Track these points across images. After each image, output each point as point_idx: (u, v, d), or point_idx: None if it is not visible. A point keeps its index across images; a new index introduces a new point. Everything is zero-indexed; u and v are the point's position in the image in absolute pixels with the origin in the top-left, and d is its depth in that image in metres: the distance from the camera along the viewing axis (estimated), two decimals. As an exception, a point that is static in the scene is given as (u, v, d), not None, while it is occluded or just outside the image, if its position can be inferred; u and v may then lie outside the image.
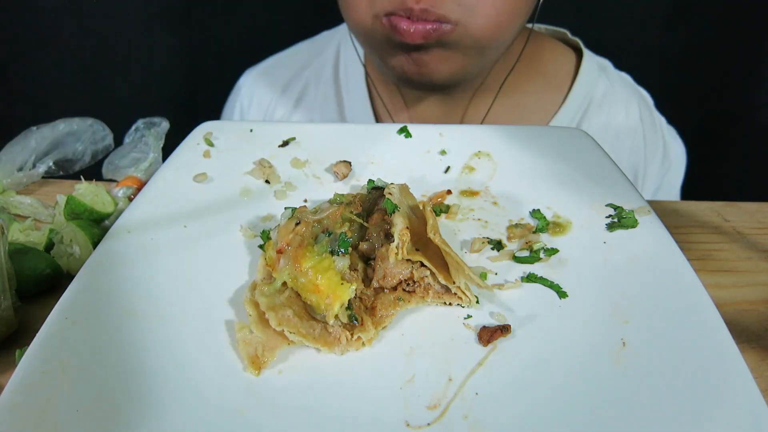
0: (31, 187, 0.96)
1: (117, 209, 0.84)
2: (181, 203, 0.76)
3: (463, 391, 0.53)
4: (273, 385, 0.54)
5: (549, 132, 0.95)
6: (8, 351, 0.62)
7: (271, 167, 0.85)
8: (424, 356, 0.57)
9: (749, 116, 2.18)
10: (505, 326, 0.59)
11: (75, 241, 0.76)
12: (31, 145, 0.94)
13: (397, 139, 0.90)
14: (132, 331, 0.58)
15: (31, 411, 0.49)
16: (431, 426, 0.50)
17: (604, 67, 1.37)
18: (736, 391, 0.50)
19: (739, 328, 0.67)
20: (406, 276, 0.63)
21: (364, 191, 0.76)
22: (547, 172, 0.83)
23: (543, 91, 1.29)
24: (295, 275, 0.60)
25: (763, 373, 0.62)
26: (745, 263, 0.79)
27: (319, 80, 1.40)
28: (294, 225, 0.64)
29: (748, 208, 0.91)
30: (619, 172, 0.81)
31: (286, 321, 0.57)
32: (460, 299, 0.62)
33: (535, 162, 0.85)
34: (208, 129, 0.91)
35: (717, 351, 0.54)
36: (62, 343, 0.55)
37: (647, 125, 1.37)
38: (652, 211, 0.72)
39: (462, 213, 0.78)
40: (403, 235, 0.61)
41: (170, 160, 0.85)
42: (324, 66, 1.41)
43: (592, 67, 1.32)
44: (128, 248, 0.68)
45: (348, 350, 0.58)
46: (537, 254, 0.69)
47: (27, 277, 0.69)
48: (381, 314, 0.61)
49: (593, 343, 0.57)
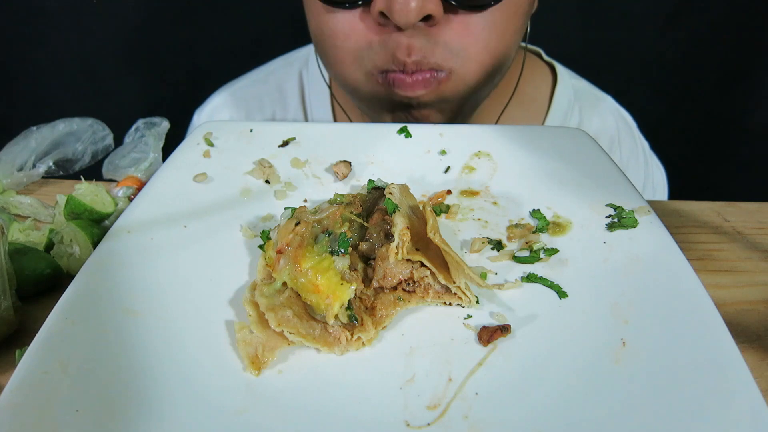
0: (31, 187, 0.95)
1: (117, 209, 0.84)
2: (181, 203, 0.76)
3: (463, 391, 0.53)
4: (273, 385, 0.54)
5: (549, 132, 0.95)
6: (8, 351, 0.62)
7: (271, 167, 0.85)
8: (424, 356, 0.57)
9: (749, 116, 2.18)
10: (505, 326, 0.59)
11: (75, 241, 0.76)
12: (31, 145, 0.94)
13: (397, 139, 0.90)
14: (132, 331, 0.58)
15: (31, 411, 0.49)
16: (431, 426, 0.50)
17: (580, 92, 1.34)
18: (736, 391, 0.50)
19: (739, 328, 0.67)
20: (406, 276, 0.63)
21: (364, 191, 0.76)
22: (547, 172, 0.82)
23: (522, 118, 1.27)
24: (294, 275, 0.60)
25: (763, 373, 0.61)
26: (745, 263, 0.79)
27: (285, 109, 1.38)
28: (294, 225, 0.64)
29: (748, 208, 0.91)
30: (619, 172, 0.81)
31: (286, 321, 0.57)
32: (460, 299, 0.62)
33: (535, 162, 0.85)
34: (208, 129, 0.91)
35: (717, 351, 0.54)
36: (62, 343, 0.55)
37: (627, 151, 1.35)
38: (652, 211, 0.72)
39: (462, 213, 0.78)
40: (404, 235, 0.61)
41: (170, 160, 0.85)
42: (289, 95, 1.38)
43: (566, 92, 1.30)
44: (128, 248, 0.68)
45: (348, 350, 0.58)
46: (537, 254, 0.69)
47: (27, 277, 0.69)
48: (381, 314, 0.61)
49: (593, 343, 0.57)
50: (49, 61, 2.08)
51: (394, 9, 0.86)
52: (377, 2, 0.90)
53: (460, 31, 0.94)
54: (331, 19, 0.97)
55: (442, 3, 0.90)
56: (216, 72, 1.61)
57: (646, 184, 1.39)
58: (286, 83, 1.39)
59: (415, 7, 0.86)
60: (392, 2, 0.86)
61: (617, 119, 1.37)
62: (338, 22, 0.97)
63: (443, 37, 0.94)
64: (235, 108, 1.41)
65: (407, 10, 0.86)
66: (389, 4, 0.87)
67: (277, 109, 1.39)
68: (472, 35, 0.95)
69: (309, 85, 1.36)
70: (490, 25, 0.95)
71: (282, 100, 1.39)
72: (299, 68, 1.39)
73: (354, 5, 0.94)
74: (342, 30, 0.97)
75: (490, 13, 0.94)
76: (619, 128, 1.36)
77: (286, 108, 1.38)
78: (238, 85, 1.44)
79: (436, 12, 0.89)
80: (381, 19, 0.92)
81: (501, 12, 0.95)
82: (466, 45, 0.96)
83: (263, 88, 1.41)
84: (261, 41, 1.92)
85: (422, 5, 0.87)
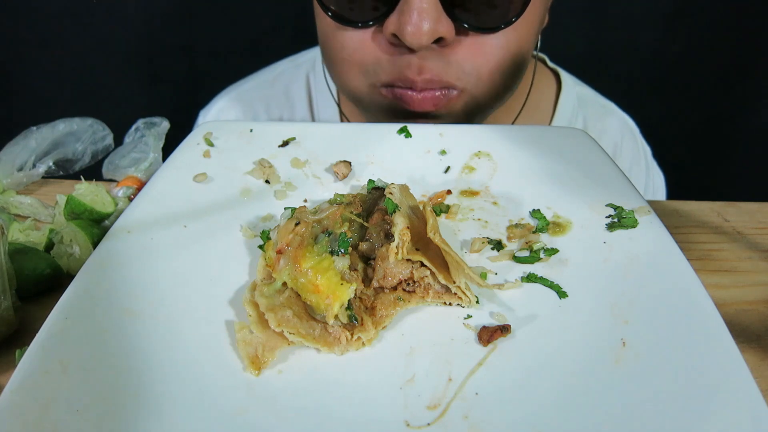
0: (31, 187, 0.95)
1: (117, 209, 0.84)
2: (181, 203, 0.76)
3: (463, 391, 0.53)
4: (273, 385, 0.54)
5: (549, 132, 0.95)
6: (8, 351, 0.62)
7: (271, 167, 0.85)
8: (424, 356, 0.57)
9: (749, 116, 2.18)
10: (505, 326, 0.59)
11: (75, 241, 0.76)
12: (31, 145, 0.94)
13: (397, 139, 0.90)
14: (132, 331, 0.58)
15: (31, 411, 0.49)
16: (431, 426, 0.50)
17: (584, 100, 1.34)
18: (736, 391, 0.50)
19: (739, 328, 0.67)
20: (406, 276, 0.63)
21: (364, 191, 0.76)
22: (547, 172, 0.82)
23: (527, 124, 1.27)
24: (294, 275, 0.60)
25: (763, 373, 0.61)
26: (745, 263, 0.79)
27: (293, 111, 1.38)
28: (294, 225, 0.64)
29: (748, 208, 0.91)
30: (619, 172, 0.81)
31: (286, 322, 0.57)
32: (460, 299, 0.62)
33: (535, 162, 0.85)
34: (208, 129, 0.91)
35: (717, 351, 0.54)
36: (62, 343, 0.55)
37: (629, 157, 1.35)
38: (652, 211, 0.72)
39: (462, 213, 0.78)
40: (404, 235, 0.61)
41: (170, 160, 0.85)
42: (296, 99, 1.37)
43: (570, 100, 1.29)
44: (128, 248, 0.68)
45: (348, 350, 0.58)
46: (537, 254, 0.69)
47: (27, 277, 0.69)
48: (381, 314, 0.61)
49: (593, 343, 0.57)
50: (49, 61, 2.08)
51: (407, 31, 0.86)
52: (389, 24, 0.89)
53: (473, 52, 0.94)
54: (342, 35, 0.97)
55: (454, 25, 0.90)
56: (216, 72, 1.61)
57: (647, 190, 1.39)
58: (293, 86, 1.39)
59: (428, 30, 0.86)
60: (404, 24, 0.86)
61: (621, 126, 1.37)
62: (349, 39, 0.97)
63: (455, 57, 0.94)
64: (242, 110, 1.40)
65: (420, 33, 0.86)
66: (401, 26, 0.87)
67: (284, 112, 1.39)
68: (484, 55, 0.95)
69: (316, 89, 1.35)
70: (503, 44, 0.94)
71: (289, 103, 1.38)
72: (306, 71, 1.38)
73: (366, 25, 0.93)
74: (351, 45, 0.97)
75: (503, 34, 0.93)
76: (623, 135, 1.36)
77: (294, 111, 1.38)
78: (245, 87, 1.43)
79: (448, 35, 0.89)
80: (393, 39, 0.92)
81: (513, 32, 0.94)
82: (479, 65, 0.95)
83: (270, 91, 1.40)
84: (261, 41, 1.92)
85: (434, 28, 0.87)
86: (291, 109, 1.38)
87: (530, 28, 0.98)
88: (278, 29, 1.92)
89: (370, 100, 1.03)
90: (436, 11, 0.86)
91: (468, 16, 0.89)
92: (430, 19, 0.85)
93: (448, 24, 0.88)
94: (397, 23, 0.88)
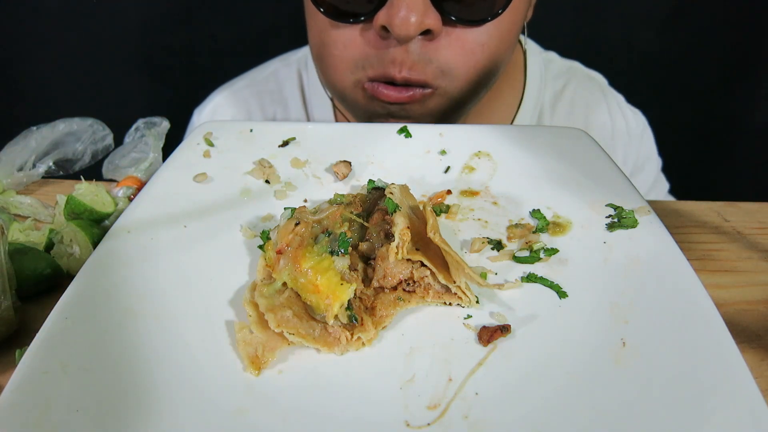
0: (31, 187, 0.95)
1: (117, 209, 0.84)
2: (181, 203, 0.76)
3: (463, 391, 0.53)
4: (273, 385, 0.54)
5: (549, 132, 0.95)
6: (8, 351, 0.62)
7: (271, 167, 0.85)
8: (424, 356, 0.57)
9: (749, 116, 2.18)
10: (505, 326, 0.59)
11: (75, 241, 0.76)
12: (31, 145, 0.94)
13: (397, 139, 0.90)
14: (132, 331, 0.58)
15: (31, 411, 0.49)
16: (431, 426, 0.50)
17: (549, 62, 1.37)
18: (736, 391, 0.50)
19: (739, 328, 0.67)
20: (406, 276, 0.63)
21: (364, 191, 0.76)
22: (547, 172, 0.83)
23: (501, 96, 1.28)
24: (294, 276, 0.60)
25: (763, 373, 0.61)
26: (745, 263, 0.79)
27: (286, 109, 1.39)
28: (294, 225, 0.64)
29: (748, 208, 0.91)
30: (619, 172, 0.81)
31: (286, 322, 0.57)
32: (460, 299, 0.62)
33: (535, 162, 0.85)
34: (208, 129, 0.91)
35: (717, 351, 0.54)
36: (62, 343, 0.55)
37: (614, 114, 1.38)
38: (652, 211, 0.72)
39: (462, 213, 0.78)
40: (404, 235, 0.61)
41: (170, 160, 0.85)
42: (289, 96, 1.39)
43: (537, 64, 1.33)
44: (128, 248, 0.68)
45: (348, 350, 0.58)
46: (537, 254, 0.69)
47: (27, 277, 0.69)
48: (381, 314, 0.61)
49: (593, 343, 0.57)
50: (49, 61, 2.08)
51: (395, 23, 0.90)
52: (379, 17, 0.93)
53: (456, 48, 0.97)
54: (334, 31, 1.00)
55: (441, 18, 0.93)
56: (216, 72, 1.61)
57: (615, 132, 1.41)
58: (286, 83, 1.40)
59: (415, 21, 0.89)
60: (393, 17, 0.90)
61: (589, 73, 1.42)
62: (340, 34, 1.00)
63: (437, 55, 0.97)
64: (236, 108, 1.41)
65: (407, 24, 0.89)
66: (390, 18, 0.90)
67: (278, 109, 1.40)
68: (465, 54, 0.98)
69: (309, 85, 1.37)
70: (486, 40, 0.98)
71: (282, 100, 1.40)
72: (298, 68, 1.40)
73: (357, 20, 0.96)
74: (342, 41, 1.00)
75: (486, 31, 0.97)
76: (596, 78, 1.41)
77: (287, 108, 1.39)
78: (239, 85, 1.45)
79: (435, 26, 0.92)
80: (382, 33, 0.95)
81: (495, 30, 0.98)
82: (459, 63, 0.99)
83: (264, 88, 1.42)
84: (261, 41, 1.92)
85: (422, 20, 0.90)
86: (285, 106, 1.40)
87: (512, 26, 1.02)
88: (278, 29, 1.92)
89: (350, 98, 1.07)
90: (424, 5, 0.90)
91: (455, 9, 0.93)
92: (418, 11, 0.89)
93: (435, 16, 0.92)
94: (386, 16, 0.91)
